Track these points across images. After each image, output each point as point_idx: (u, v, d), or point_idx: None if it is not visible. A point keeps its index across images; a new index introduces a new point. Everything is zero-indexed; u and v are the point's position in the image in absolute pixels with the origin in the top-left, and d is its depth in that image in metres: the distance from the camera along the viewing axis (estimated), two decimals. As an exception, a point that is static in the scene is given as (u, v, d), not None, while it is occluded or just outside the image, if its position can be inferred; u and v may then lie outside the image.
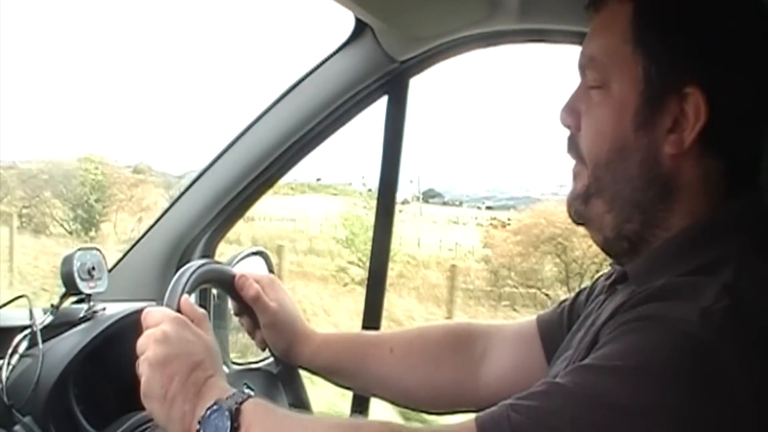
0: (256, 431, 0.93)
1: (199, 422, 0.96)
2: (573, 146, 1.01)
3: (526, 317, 1.31)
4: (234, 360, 1.57)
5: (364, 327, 1.85)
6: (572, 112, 1.01)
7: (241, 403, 0.95)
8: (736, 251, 0.88)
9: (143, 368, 1.03)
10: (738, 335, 0.80)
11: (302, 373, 1.41)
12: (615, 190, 0.96)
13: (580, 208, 1.01)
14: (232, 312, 1.40)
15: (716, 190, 0.93)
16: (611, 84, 0.95)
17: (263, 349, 1.38)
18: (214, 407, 0.95)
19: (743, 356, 0.79)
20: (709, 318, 0.80)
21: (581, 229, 1.04)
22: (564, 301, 1.26)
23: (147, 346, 1.04)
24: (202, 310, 1.12)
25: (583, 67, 1.00)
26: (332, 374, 1.36)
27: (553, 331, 1.22)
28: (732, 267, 0.86)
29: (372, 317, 1.88)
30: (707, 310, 0.81)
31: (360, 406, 1.88)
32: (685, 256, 0.91)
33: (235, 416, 0.93)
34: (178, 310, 1.09)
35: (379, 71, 1.71)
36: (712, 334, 0.79)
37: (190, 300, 1.12)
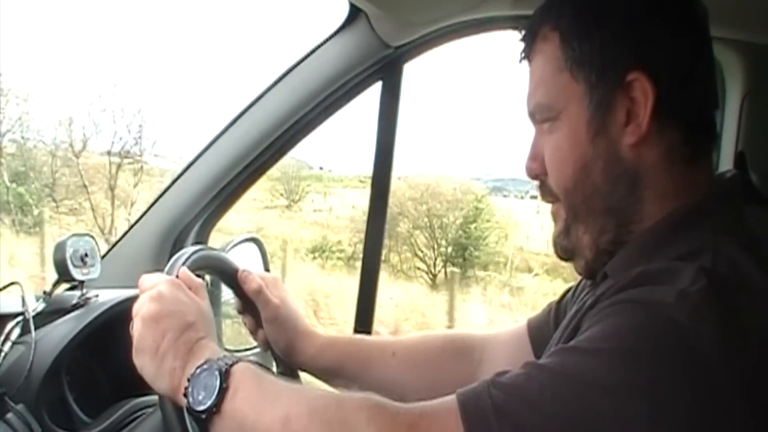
0: (244, 393, 0.93)
1: (189, 379, 0.96)
2: (545, 191, 1.04)
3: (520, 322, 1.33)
4: (226, 347, 1.57)
5: (356, 326, 1.85)
6: (535, 159, 1.03)
7: (231, 365, 0.95)
8: (711, 238, 0.90)
9: (137, 325, 1.03)
10: (715, 315, 0.80)
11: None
12: (587, 206, 0.98)
13: (564, 243, 1.03)
14: (228, 303, 1.40)
15: (678, 161, 0.96)
16: (561, 114, 0.98)
17: (265, 350, 1.38)
18: (204, 366, 0.96)
19: (721, 336, 0.79)
20: (685, 299, 0.81)
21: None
22: (552, 301, 1.27)
23: (141, 305, 1.04)
24: (199, 280, 1.13)
25: (532, 115, 1.03)
26: (333, 376, 1.36)
27: (542, 332, 1.24)
28: (708, 252, 0.88)
29: (364, 319, 1.88)
30: (684, 291, 0.82)
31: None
32: (663, 246, 0.93)
33: (224, 376, 0.94)
34: (177, 278, 1.10)
35: (374, 57, 1.70)
36: (689, 315, 0.80)
37: (188, 271, 1.12)
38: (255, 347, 1.44)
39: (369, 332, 1.85)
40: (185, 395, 0.95)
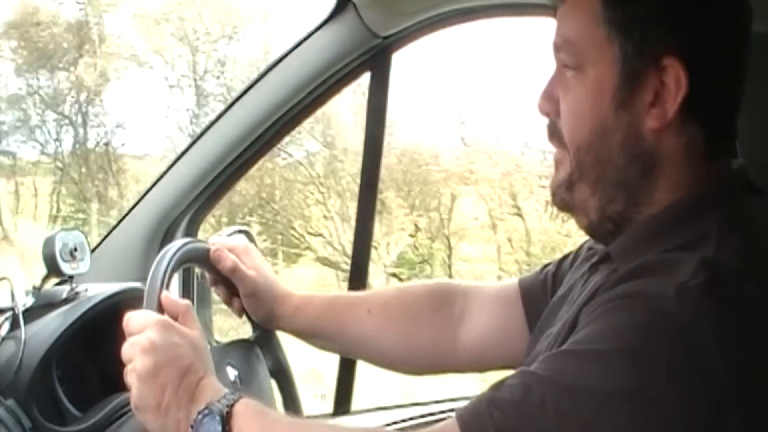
0: None
1: (192, 426, 0.94)
2: (554, 133, 0.99)
3: (508, 279, 1.29)
4: (217, 339, 1.57)
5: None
6: (550, 99, 0.99)
7: (231, 406, 0.94)
8: (717, 227, 0.88)
9: (132, 379, 1.00)
10: (715, 312, 0.79)
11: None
12: (598, 172, 0.95)
13: (564, 196, 0.99)
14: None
15: (696, 157, 0.93)
16: (587, 67, 0.94)
17: (240, 317, 1.37)
18: (206, 411, 0.94)
19: (722, 332, 0.78)
20: (686, 294, 0.80)
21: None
22: (547, 265, 1.24)
23: (134, 356, 1.01)
24: (184, 302, 1.10)
25: (557, 49, 0.98)
26: (310, 336, 1.35)
27: (536, 297, 1.21)
28: (712, 242, 0.86)
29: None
30: (684, 285, 0.80)
31: (342, 405, 1.93)
32: (667, 233, 0.91)
33: (226, 420, 0.93)
34: (161, 310, 1.08)
35: (362, 47, 1.70)
36: (690, 311, 0.79)
37: (171, 294, 1.10)
38: (246, 338, 1.44)
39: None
40: None
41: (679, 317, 0.79)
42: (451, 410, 0.95)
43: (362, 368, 1.79)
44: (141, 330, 1.02)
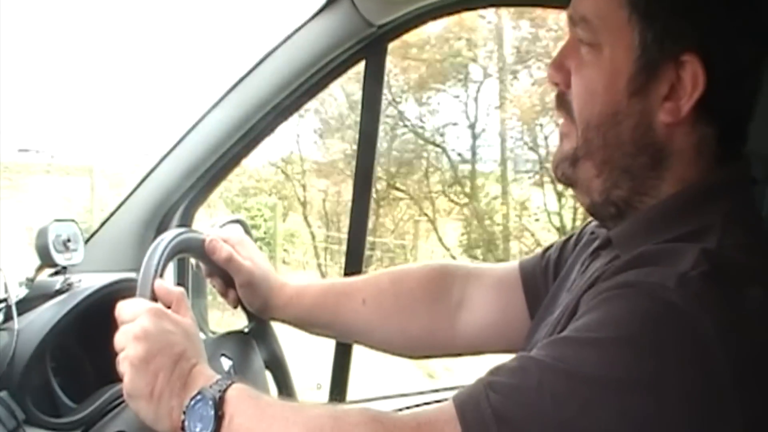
0: (240, 419, 0.92)
1: (184, 412, 0.94)
2: (563, 104, 0.98)
3: (508, 262, 1.29)
4: (212, 330, 1.57)
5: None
6: (561, 69, 0.97)
7: (224, 391, 0.94)
8: (721, 219, 0.88)
9: (124, 367, 1.00)
10: (716, 301, 0.79)
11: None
12: (605, 154, 0.94)
13: (567, 171, 0.98)
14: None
15: (707, 156, 0.92)
16: (604, 47, 0.92)
17: (235, 308, 1.37)
18: (198, 397, 0.94)
19: (721, 323, 0.78)
20: (686, 284, 0.79)
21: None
22: (549, 248, 1.23)
23: (126, 344, 1.01)
24: (178, 289, 1.10)
25: (573, 22, 0.96)
26: (305, 326, 1.36)
27: (537, 282, 1.21)
28: (715, 234, 0.86)
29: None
30: (685, 275, 0.80)
31: (338, 393, 1.93)
32: (671, 222, 0.90)
33: (218, 405, 0.93)
34: (154, 298, 1.08)
35: (357, 36, 1.69)
36: (690, 301, 0.78)
37: (165, 282, 1.10)
38: (241, 329, 1.44)
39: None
40: (183, 429, 0.94)
41: (680, 307, 0.78)
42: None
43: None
44: (133, 318, 1.03)
